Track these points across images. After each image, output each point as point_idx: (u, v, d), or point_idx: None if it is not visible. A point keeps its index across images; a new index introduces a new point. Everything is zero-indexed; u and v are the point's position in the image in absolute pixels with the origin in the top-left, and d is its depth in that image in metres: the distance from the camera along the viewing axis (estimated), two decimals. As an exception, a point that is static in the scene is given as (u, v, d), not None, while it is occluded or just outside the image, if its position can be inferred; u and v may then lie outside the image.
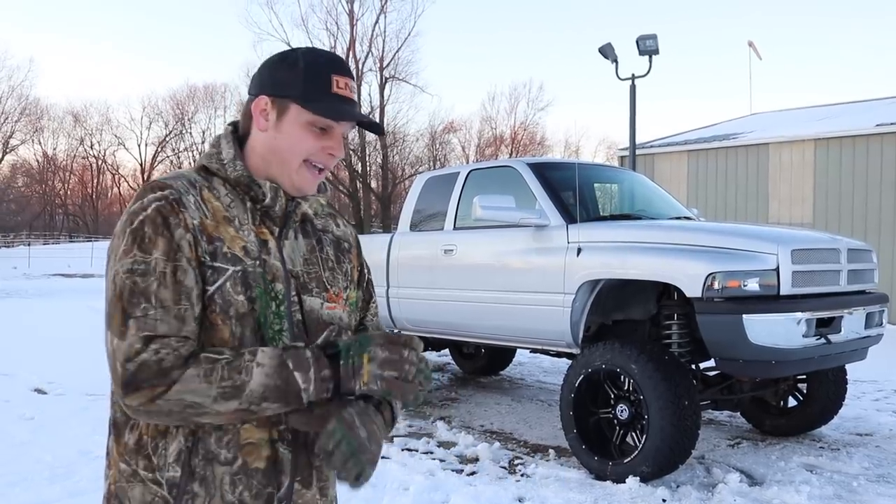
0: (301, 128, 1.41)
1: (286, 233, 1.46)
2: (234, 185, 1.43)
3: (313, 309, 1.45)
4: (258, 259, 1.39)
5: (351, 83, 1.44)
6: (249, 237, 1.40)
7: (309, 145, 1.42)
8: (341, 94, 1.42)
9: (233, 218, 1.40)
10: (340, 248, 1.57)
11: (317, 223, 1.55)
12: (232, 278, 1.35)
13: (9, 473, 4.73)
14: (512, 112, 53.57)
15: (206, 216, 1.36)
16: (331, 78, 1.41)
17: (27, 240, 52.33)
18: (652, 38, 13.22)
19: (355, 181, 37.83)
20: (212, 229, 1.36)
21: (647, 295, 5.33)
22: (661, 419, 4.60)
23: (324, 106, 1.40)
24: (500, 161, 7.09)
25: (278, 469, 1.39)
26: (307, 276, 1.46)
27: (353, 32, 37.21)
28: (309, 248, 1.49)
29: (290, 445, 1.40)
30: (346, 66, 1.46)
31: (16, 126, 52.26)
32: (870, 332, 5.25)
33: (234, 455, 1.35)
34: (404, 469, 5.01)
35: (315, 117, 1.41)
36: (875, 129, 13.66)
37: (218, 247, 1.35)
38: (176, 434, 1.33)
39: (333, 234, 1.58)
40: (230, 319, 1.34)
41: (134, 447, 1.36)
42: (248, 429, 1.36)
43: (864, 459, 5.34)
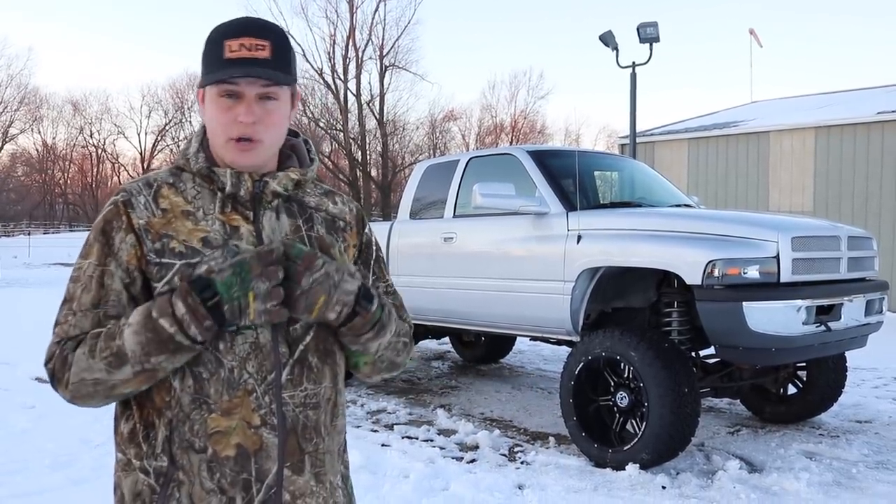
0: (212, 105, 1.39)
1: (262, 214, 1.43)
2: (201, 178, 1.44)
3: None
4: (222, 248, 1.37)
5: (252, 41, 1.37)
6: (213, 226, 1.39)
7: (221, 119, 1.39)
8: (234, 58, 1.36)
9: (196, 210, 1.41)
10: (334, 226, 1.53)
11: (309, 201, 1.52)
12: (181, 272, 1.35)
13: (10, 462, 4.75)
14: (512, 100, 53.52)
15: (155, 215, 1.38)
16: (223, 45, 1.37)
17: (27, 229, 52.35)
18: (653, 25, 13.16)
19: (355, 169, 37.78)
20: (160, 227, 1.38)
21: (647, 282, 5.33)
22: (660, 406, 4.61)
23: (214, 74, 1.37)
24: (500, 149, 7.07)
25: (264, 455, 1.37)
26: None
27: (352, 20, 37.07)
28: (293, 227, 1.46)
29: (277, 430, 1.38)
30: (244, 26, 1.39)
31: (15, 115, 52.23)
32: (870, 320, 5.25)
33: (205, 444, 1.35)
34: (404, 456, 5.02)
35: (214, 89, 1.38)
36: (876, 116, 13.63)
37: (165, 243, 1.36)
38: (159, 424, 1.36)
39: (328, 211, 1.54)
40: None
41: (128, 436, 1.40)
42: (214, 418, 1.35)
43: (863, 446, 5.35)
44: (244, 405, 1.36)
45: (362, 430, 5.92)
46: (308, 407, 1.42)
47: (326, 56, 38.03)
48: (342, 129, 37.42)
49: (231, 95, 1.38)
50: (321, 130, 38.77)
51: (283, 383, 1.39)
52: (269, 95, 1.39)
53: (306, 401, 1.42)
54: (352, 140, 37.48)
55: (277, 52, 1.39)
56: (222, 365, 1.35)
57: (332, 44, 37.43)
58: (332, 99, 38.21)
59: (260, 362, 1.37)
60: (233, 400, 1.35)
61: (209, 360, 1.35)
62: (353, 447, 5.04)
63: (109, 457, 5.23)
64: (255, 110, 1.38)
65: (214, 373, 1.35)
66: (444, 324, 6.71)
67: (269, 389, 1.37)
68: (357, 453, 4.91)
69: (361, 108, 37.70)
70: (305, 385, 1.42)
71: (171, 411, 1.36)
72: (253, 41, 1.37)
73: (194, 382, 1.35)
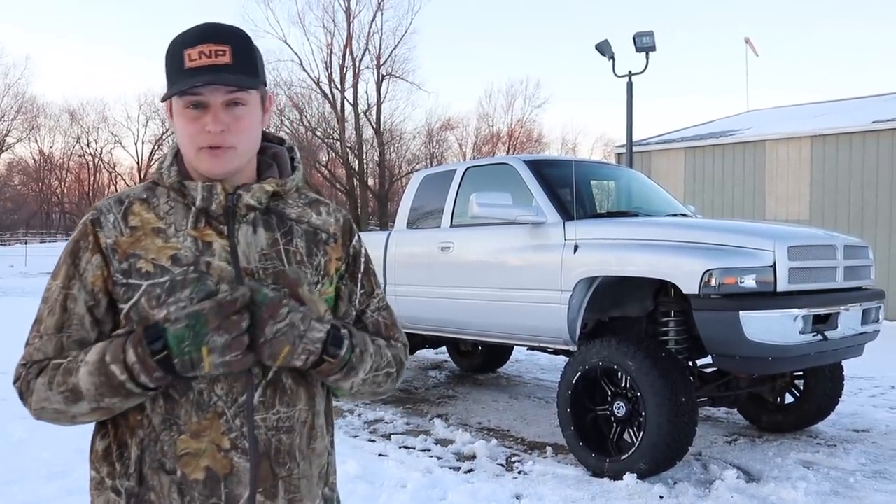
0: (179, 117, 1.36)
1: (238, 229, 1.38)
2: (174, 192, 1.40)
3: None
4: (193, 265, 1.33)
5: (211, 48, 1.32)
6: (184, 243, 1.35)
7: (188, 130, 1.35)
8: (194, 66, 1.32)
9: (167, 226, 1.36)
10: (316, 238, 1.47)
11: (289, 212, 1.46)
12: (147, 293, 1.31)
13: (6, 471, 4.73)
14: (509, 109, 53.60)
15: (123, 234, 1.35)
16: (182, 55, 1.33)
17: (24, 238, 52.24)
18: (649, 34, 13.23)
19: (352, 179, 37.79)
20: (127, 246, 1.34)
21: (644, 292, 5.33)
22: (658, 416, 4.61)
23: (176, 86, 1.33)
24: (497, 158, 7.08)
25: (234, 480, 1.33)
26: (264, 273, 1.38)
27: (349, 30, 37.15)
28: (270, 241, 1.41)
29: (248, 454, 1.33)
30: (202, 34, 1.35)
31: (12, 124, 52.25)
32: (866, 329, 5.26)
33: (174, 466, 1.32)
34: (402, 466, 5.01)
35: (179, 101, 1.34)
36: (871, 125, 13.68)
37: (132, 263, 1.33)
38: (131, 443, 1.34)
39: (310, 223, 1.48)
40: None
41: (102, 454, 1.38)
42: (184, 439, 1.32)
43: (860, 455, 5.35)
44: (214, 427, 1.32)
45: (359, 439, 5.91)
46: (281, 430, 1.37)
47: (324, 65, 38.11)
48: (339, 139, 37.45)
49: (197, 106, 1.34)
50: (318, 140, 38.80)
51: (255, 405, 1.34)
52: (237, 101, 1.35)
53: (279, 424, 1.37)
54: (349, 149, 37.50)
55: (239, 56, 1.34)
56: (191, 387, 1.31)
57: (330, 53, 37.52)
58: (329, 108, 38.26)
59: (231, 384, 1.33)
60: (202, 422, 1.31)
61: (178, 381, 1.31)
62: (351, 457, 5.04)
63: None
64: (222, 118, 1.34)
65: (184, 394, 1.31)
66: (442, 333, 6.71)
67: (240, 412, 1.33)
68: (354, 463, 4.90)
69: (358, 118, 37.75)
70: (278, 408, 1.37)
71: (142, 430, 1.33)
72: (212, 47, 1.32)
73: (165, 403, 1.32)
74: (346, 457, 5.01)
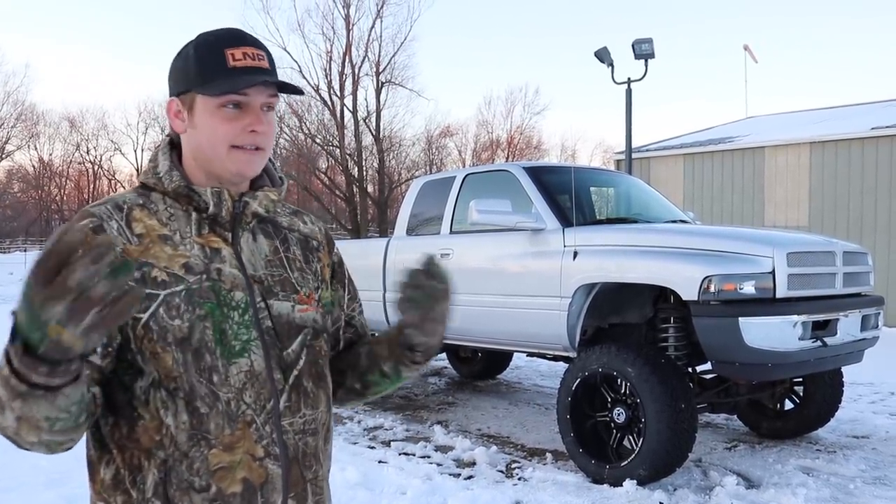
0: (212, 115, 1.32)
1: (241, 236, 1.37)
2: (174, 198, 1.35)
3: (282, 313, 1.36)
4: (205, 272, 1.30)
5: (252, 51, 1.32)
6: (192, 251, 1.31)
7: (226, 130, 1.32)
8: (240, 66, 1.31)
9: (172, 233, 1.32)
10: (308, 246, 1.49)
11: (281, 221, 1.47)
12: (165, 303, 1.25)
13: (5, 479, 4.72)
14: (508, 116, 53.62)
15: (131, 242, 1.28)
16: (224, 53, 1.31)
17: (23, 245, 52.21)
18: (647, 41, 13.26)
19: (352, 185, 37.79)
20: (138, 255, 1.27)
21: (644, 298, 5.34)
22: (657, 422, 4.60)
23: (220, 84, 1.30)
24: (497, 165, 7.09)
25: (270, 487, 1.31)
26: (271, 280, 1.37)
27: (349, 37, 37.18)
28: (272, 248, 1.41)
29: (280, 461, 1.32)
30: (242, 37, 1.35)
31: (11, 132, 52.18)
32: (865, 335, 5.26)
33: (207, 482, 1.26)
34: (402, 473, 5.01)
35: (219, 99, 1.31)
36: (870, 132, 13.70)
37: (146, 272, 1.26)
38: (149, 466, 1.26)
39: (300, 231, 1.49)
40: (170, 346, 1.25)
41: (111, 483, 1.29)
42: (216, 454, 1.27)
43: (860, 462, 5.34)
44: (246, 437, 1.29)
45: (359, 446, 5.90)
46: (307, 433, 1.37)
47: (323, 73, 38.11)
48: (338, 146, 37.46)
49: (237, 105, 1.32)
50: (318, 147, 38.81)
51: (282, 411, 1.33)
52: (270, 105, 1.36)
53: (305, 427, 1.37)
54: (348, 156, 37.51)
55: (272, 65, 1.36)
56: (219, 398, 1.27)
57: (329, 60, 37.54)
58: (329, 115, 38.28)
59: (257, 391, 1.30)
60: (234, 433, 1.28)
61: (205, 393, 1.26)
62: (351, 464, 5.04)
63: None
64: (264, 119, 1.34)
65: (213, 406, 1.27)
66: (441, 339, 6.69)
67: (269, 419, 1.31)
68: (354, 470, 4.90)
69: (358, 125, 37.76)
70: (304, 411, 1.37)
71: (164, 451, 1.26)
72: (253, 51, 1.33)
73: (190, 418, 1.26)
74: (345, 463, 5.01)
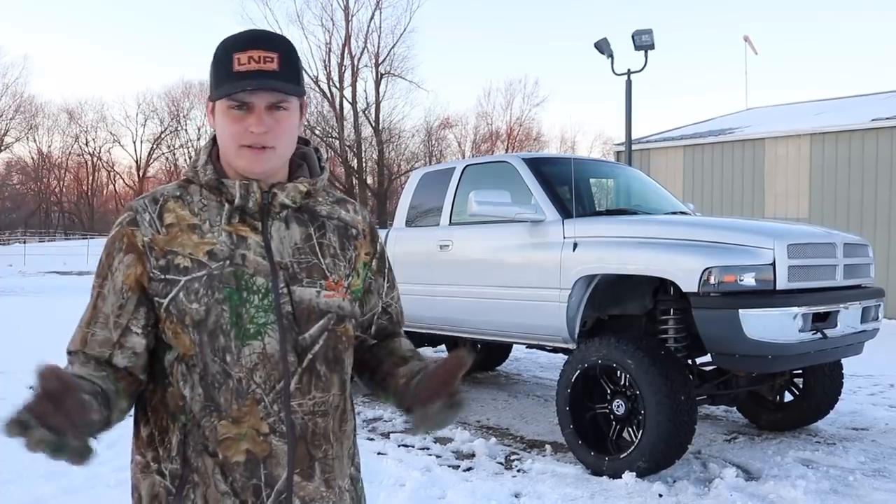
0: (223, 116, 1.41)
1: (271, 225, 1.45)
2: (209, 190, 1.46)
3: (304, 299, 1.43)
4: (229, 259, 1.40)
5: (261, 54, 1.38)
6: (220, 238, 1.42)
7: (233, 130, 1.40)
8: (244, 70, 1.37)
9: (202, 222, 1.43)
10: (347, 233, 1.55)
11: (320, 209, 1.53)
12: (185, 288, 1.38)
13: (4, 471, 4.71)
14: (508, 108, 53.55)
15: (160, 231, 1.41)
16: (231, 58, 1.38)
17: (23, 237, 52.19)
18: (648, 33, 13.21)
19: (351, 177, 37.80)
20: (164, 243, 1.40)
21: (644, 290, 5.32)
22: (657, 414, 4.60)
23: (224, 88, 1.38)
24: (496, 156, 7.07)
25: (273, 461, 1.40)
26: (297, 267, 1.45)
27: (348, 28, 37.14)
28: (304, 236, 1.48)
29: (286, 437, 1.40)
30: (255, 39, 1.40)
31: (10, 123, 52.31)
32: (866, 327, 5.25)
33: (215, 449, 1.39)
34: (400, 465, 5.00)
35: (226, 102, 1.40)
36: (871, 123, 13.68)
37: (170, 259, 1.39)
38: (173, 428, 1.41)
39: (340, 218, 1.56)
40: (187, 328, 1.37)
41: (147, 440, 1.45)
42: (224, 425, 1.38)
43: (860, 454, 5.34)
44: (252, 413, 1.39)
45: (358, 438, 5.88)
46: (317, 415, 1.45)
47: (322, 64, 38.15)
48: (338, 137, 37.46)
49: (241, 107, 1.39)
50: (317, 138, 38.79)
51: (292, 392, 1.41)
52: (279, 105, 1.41)
53: (315, 409, 1.44)
54: (347, 148, 37.52)
55: (285, 64, 1.40)
56: (230, 376, 1.38)
57: (328, 52, 37.55)
58: (328, 107, 38.29)
59: (268, 372, 1.39)
60: (241, 409, 1.38)
61: (217, 371, 1.38)
62: (349, 456, 5.04)
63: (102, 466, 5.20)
64: (265, 121, 1.39)
65: (223, 383, 1.38)
66: (441, 331, 6.70)
67: (277, 398, 1.40)
68: (353, 462, 4.89)
69: (357, 116, 37.77)
70: (314, 393, 1.44)
71: (185, 416, 1.40)
72: (261, 53, 1.38)
73: (203, 392, 1.38)
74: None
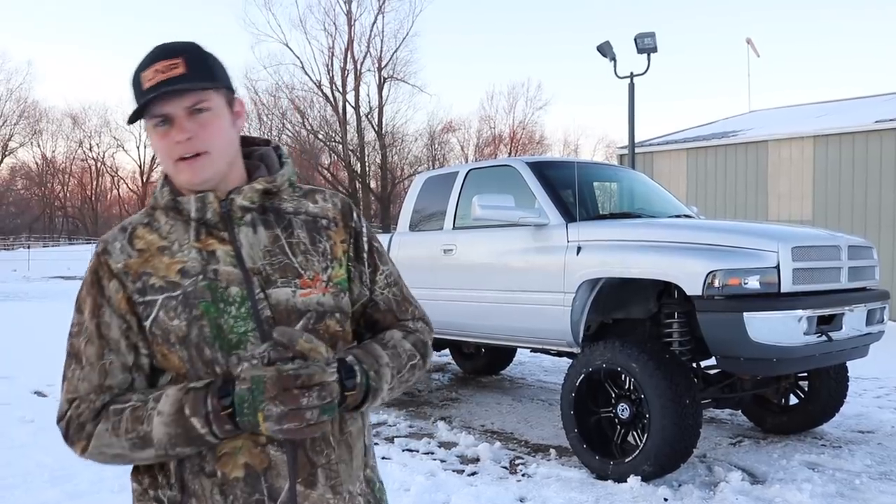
0: (152, 136, 1.41)
1: (238, 232, 1.43)
2: (172, 211, 1.45)
3: (280, 301, 1.40)
4: (201, 274, 1.39)
5: (164, 64, 1.36)
6: (190, 255, 1.40)
7: (163, 146, 1.39)
8: (151, 86, 1.35)
9: (171, 244, 1.42)
10: (316, 226, 1.50)
11: (286, 207, 1.49)
12: (164, 307, 1.37)
13: (9, 476, 4.73)
14: (510, 111, 53.48)
15: (132, 256, 1.41)
16: (140, 78, 1.38)
17: (27, 242, 52.30)
18: (650, 36, 13.20)
19: (354, 181, 37.81)
20: (137, 266, 1.40)
21: (648, 293, 5.32)
22: (662, 418, 4.59)
23: (136, 108, 1.38)
24: (499, 160, 7.08)
25: (273, 473, 1.36)
26: (270, 269, 1.42)
27: (350, 33, 37.19)
28: (271, 238, 1.44)
29: (284, 447, 1.37)
30: (154, 55, 1.38)
31: (14, 129, 52.39)
32: (871, 330, 5.24)
33: (214, 468, 1.36)
34: (405, 469, 5.00)
35: (149, 122, 1.39)
36: (874, 125, 13.65)
37: (145, 281, 1.39)
38: None
39: (308, 212, 1.51)
40: (174, 346, 1.37)
41: (144, 466, 1.41)
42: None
43: (866, 457, 5.32)
44: None
45: (363, 442, 5.89)
46: None
47: (325, 68, 38.16)
48: (341, 141, 37.49)
49: (164, 122, 1.38)
50: (320, 142, 38.87)
51: None
52: (198, 108, 1.38)
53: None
54: (351, 152, 37.54)
55: (193, 65, 1.38)
56: None
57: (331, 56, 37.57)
58: (331, 111, 38.31)
59: None
60: None
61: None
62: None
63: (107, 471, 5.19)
64: (187, 126, 1.37)
65: None
66: (445, 335, 6.69)
67: None
68: (357, 466, 4.89)
69: (360, 120, 37.79)
70: None
71: None
72: (165, 63, 1.36)
73: None
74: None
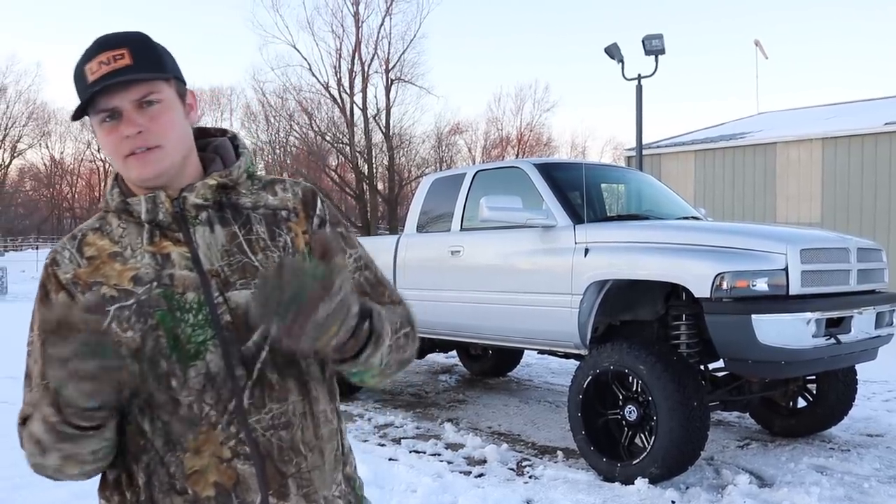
0: (99, 133, 1.33)
1: (194, 232, 1.34)
2: (123, 213, 1.36)
3: (240, 304, 1.31)
4: (155, 280, 1.30)
5: (108, 55, 1.28)
6: (143, 261, 1.32)
7: (111, 142, 1.30)
8: (95, 79, 1.27)
9: (123, 249, 1.34)
10: (276, 219, 1.40)
11: (244, 202, 1.40)
12: (116, 318, 1.28)
13: (15, 476, 4.73)
14: (518, 113, 53.38)
15: (81, 265, 1.33)
16: (83, 71, 1.29)
17: (35, 243, 52.49)
18: (658, 37, 13.18)
19: (362, 183, 37.83)
20: (87, 276, 1.32)
21: (655, 295, 5.30)
22: (669, 420, 4.57)
23: (81, 103, 1.29)
24: (507, 162, 7.08)
25: (243, 488, 1.29)
26: (229, 269, 1.33)
27: (358, 35, 37.18)
28: (229, 236, 1.36)
29: (251, 459, 1.29)
30: (97, 46, 1.30)
31: (23, 130, 52.51)
32: (880, 332, 5.21)
33: (184, 486, 1.28)
34: (412, 471, 4.99)
35: (95, 118, 1.31)
36: (883, 127, 13.59)
37: (96, 291, 1.30)
38: (138, 469, 1.31)
39: (267, 205, 1.41)
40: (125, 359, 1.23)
41: (112, 483, 1.35)
42: (189, 458, 1.28)
43: (874, 460, 5.30)
44: (211, 440, 1.28)
45: (370, 444, 5.90)
46: (279, 428, 1.32)
47: (332, 70, 38.18)
48: (348, 143, 37.50)
49: (112, 116, 1.29)
50: (328, 144, 38.88)
51: (246, 408, 1.29)
52: (148, 100, 1.30)
53: (274, 422, 1.31)
54: (358, 153, 37.54)
55: (139, 55, 1.30)
56: (179, 403, 1.28)
57: (338, 58, 37.56)
58: (339, 113, 38.32)
59: (217, 391, 1.28)
60: (198, 437, 1.28)
61: (164, 400, 1.28)
62: (361, 461, 5.01)
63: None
64: (136, 120, 1.29)
65: (174, 412, 1.28)
66: (452, 337, 6.69)
67: (232, 418, 1.29)
68: (364, 468, 4.87)
69: (367, 122, 37.78)
70: (269, 405, 1.31)
71: (147, 455, 1.29)
72: (109, 54, 1.28)
73: (162, 424, 1.28)
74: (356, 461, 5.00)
